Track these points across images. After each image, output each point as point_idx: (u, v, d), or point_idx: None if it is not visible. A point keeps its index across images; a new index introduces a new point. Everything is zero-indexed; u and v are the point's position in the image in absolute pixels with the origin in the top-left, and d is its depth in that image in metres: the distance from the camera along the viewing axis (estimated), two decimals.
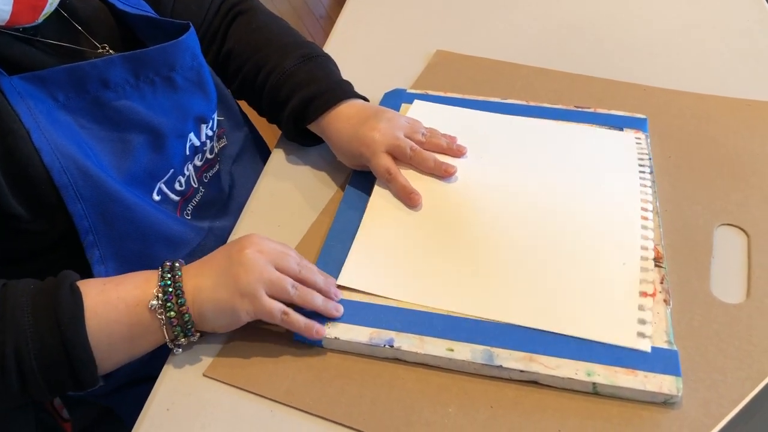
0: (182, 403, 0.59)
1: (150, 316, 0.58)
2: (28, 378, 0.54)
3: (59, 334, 0.55)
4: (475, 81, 0.93)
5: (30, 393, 0.56)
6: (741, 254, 0.69)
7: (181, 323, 0.59)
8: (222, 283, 0.59)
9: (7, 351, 0.54)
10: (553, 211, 0.71)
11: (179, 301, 0.58)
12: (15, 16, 0.59)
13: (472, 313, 0.62)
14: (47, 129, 0.60)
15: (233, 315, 0.59)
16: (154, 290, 0.59)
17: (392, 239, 0.69)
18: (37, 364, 0.54)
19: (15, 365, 0.54)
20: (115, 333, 0.57)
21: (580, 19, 1.07)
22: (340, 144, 0.76)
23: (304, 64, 0.80)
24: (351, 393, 0.58)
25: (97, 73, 0.64)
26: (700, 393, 0.57)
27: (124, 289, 0.59)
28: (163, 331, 0.59)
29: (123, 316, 0.58)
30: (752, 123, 0.84)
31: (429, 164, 0.73)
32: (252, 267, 0.59)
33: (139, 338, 0.59)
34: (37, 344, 0.54)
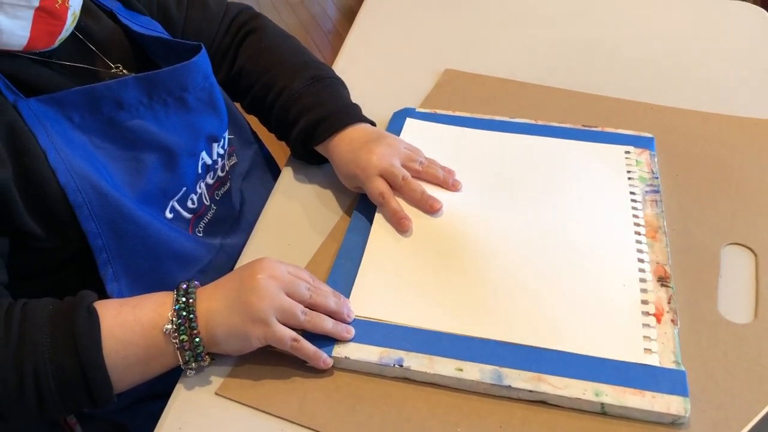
0: (194, 422, 0.59)
1: (165, 339, 0.59)
2: (46, 397, 0.55)
3: (76, 355, 0.56)
4: (483, 100, 0.94)
5: (46, 412, 0.57)
6: (749, 274, 0.69)
7: (192, 347, 0.60)
8: (234, 308, 0.60)
9: (26, 370, 0.55)
10: (553, 231, 0.72)
11: (191, 325, 0.59)
12: (32, 41, 0.61)
13: (480, 335, 0.62)
14: (63, 149, 0.62)
15: (244, 340, 0.60)
16: (168, 314, 0.60)
17: (397, 264, 0.69)
18: (55, 384, 0.55)
19: (33, 385, 0.55)
20: (130, 355, 0.58)
21: (587, 38, 1.08)
22: (340, 166, 0.77)
23: (312, 86, 0.81)
24: (361, 412, 0.59)
25: (111, 94, 0.66)
26: (708, 414, 0.57)
27: (141, 312, 0.60)
28: (177, 354, 0.60)
29: (139, 338, 0.59)
30: (759, 142, 0.85)
31: (416, 195, 0.72)
32: (263, 294, 0.60)
33: (154, 360, 0.60)
34: (55, 365, 0.55)
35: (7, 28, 0.59)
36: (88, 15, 0.71)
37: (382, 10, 1.19)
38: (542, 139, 0.84)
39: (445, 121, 0.87)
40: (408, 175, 0.74)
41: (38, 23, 0.61)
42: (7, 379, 0.54)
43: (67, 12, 0.63)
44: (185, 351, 0.60)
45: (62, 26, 0.63)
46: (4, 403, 0.55)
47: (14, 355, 0.55)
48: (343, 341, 0.62)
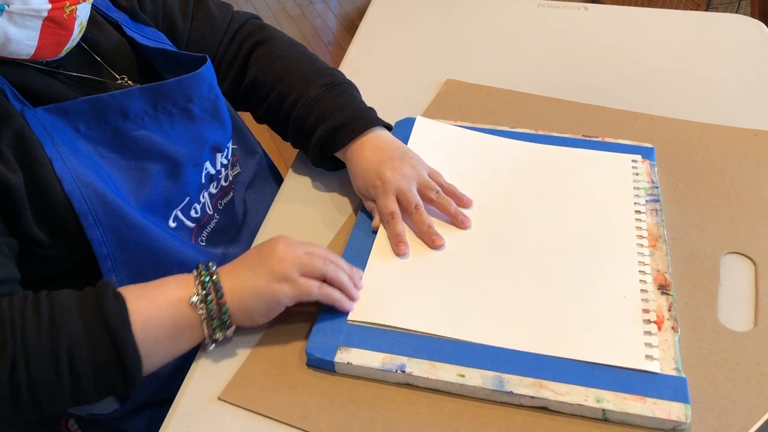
0: (197, 426, 0.60)
1: (191, 312, 0.60)
2: (81, 380, 0.56)
3: (108, 335, 0.56)
4: (484, 110, 0.95)
5: (80, 396, 0.57)
6: (748, 282, 0.70)
7: (219, 316, 0.61)
8: (258, 272, 0.62)
9: (61, 353, 0.55)
10: (557, 237, 0.72)
11: (218, 294, 0.61)
12: (39, 50, 0.62)
13: (482, 341, 0.62)
14: (68, 158, 0.63)
15: (273, 300, 0.62)
16: (193, 288, 0.61)
17: (400, 270, 0.70)
18: (90, 365, 0.56)
19: (68, 367, 0.55)
20: (159, 331, 0.59)
21: (588, 49, 1.09)
22: (360, 172, 0.77)
23: (328, 92, 0.81)
24: (363, 417, 0.59)
25: (116, 104, 0.66)
26: (708, 421, 0.58)
27: (165, 290, 0.61)
28: (203, 326, 0.61)
29: (166, 314, 0.60)
30: (758, 153, 0.86)
31: (423, 228, 0.72)
32: (284, 255, 0.63)
33: (182, 335, 0.61)
34: (89, 346, 0.56)
35: (15, 37, 0.60)
36: (95, 26, 0.72)
37: (384, 21, 1.20)
38: (550, 147, 0.84)
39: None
40: (421, 204, 0.74)
41: (46, 33, 0.61)
42: (44, 364, 0.55)
43: (75, 22, 0.63)
44: (212, 320, 0.61)
45: (69, 36, 0.64)
46: (41, 389, 0.55)
47: (49, 339, 0.55)
48: (345, 345, 0.62)
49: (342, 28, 2.98)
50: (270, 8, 3.12)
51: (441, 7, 1.22)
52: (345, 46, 1.13)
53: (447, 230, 0.74)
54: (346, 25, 3.01)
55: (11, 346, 0.54)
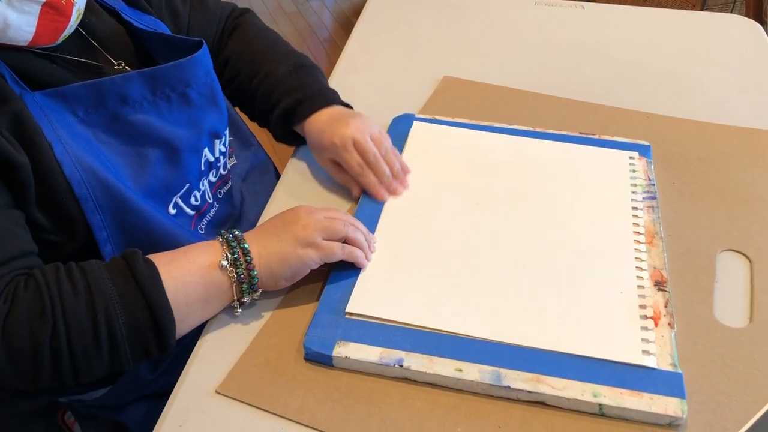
0: (195, 419, 0.59)
1: (221, 275, 0.62)
2: (118, 344, 0.57)
3: (143, 298, 0.57)
4: (481, 107, 0.95)
5: (117, 361, 0.58)
6: (743, 279, 0.70)
7: (248, 279, 0.63)
8: (283, 238, 0.65)
9: (99, 317, 0.56)
10: (555, 233, 0.73)
11: (247, 258, 0.63)
12: (37, 36, 0.62)
13: (479, 335, 0.63)
14: (68, 142, 0.63)
15: (299, 264, 0.65)
16: (222, 253, 0.63)
17: (398, 265, 0.70)
18: (126, 329, 0.57)
19: (106, 331, 0.56)
20: (191, 295, 0.61)
21: (585, 47, 1.09)
22: (317, 138, 0.80)
23: (295, 71, 0.85)
24: (361, 412, 0.59)
25: (115, 89, 0.67)
26: (704, 416, 0.58)
27: (193, 256, 0.62)
28: (232, 290, 0.63)
29: (197, 277, 0.61)
30: (754, 151, 0.86)
31: (384, 178, 0.77)
32: (307, 222, 0.65)
33: (212, 299, 0.63)
34: (124, 310, 0.57)
35: (14, 22, 0.60)
36: (92, 13, 0.72)
37: (381, 18, 1.20)
38: (548, 144, 0.85)
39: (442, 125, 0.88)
40: (378, 154, 0.77)
41: (44, 19, 0.61)
42: (83, 329, 0.55)
43: (72, 8, 0.64)
44: (241, 284, 0.63)
45: (67, 22, 0.64)
46: (80, 354, 0.56)
47: (86, 305, 0.56)
48: (344, 339, 0.62)
49: (337, 25, 2.98)
50: (266, 5, 3.12)
51: (438, 4, 1.22)
52: (340, 43, 1.13)
53: (445, 227, 0.74)
54: (342, 22, 3.00)
55: (50, 312, 0.55)
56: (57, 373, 0.56)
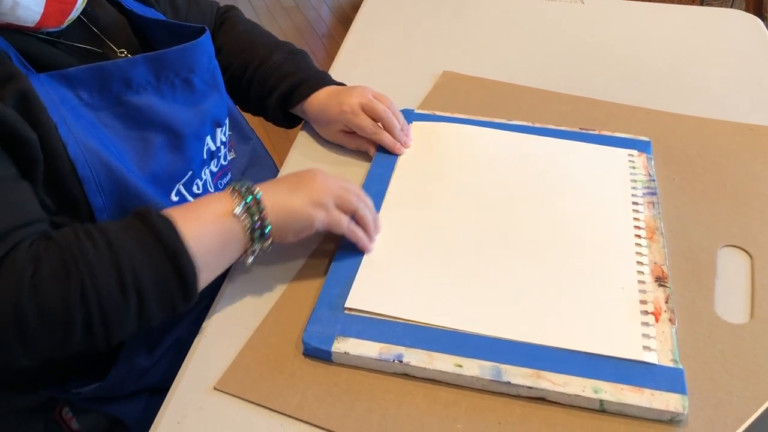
0: (193, 416, 0.59)
1: (236, 223, 0.63)
2: (145, 298, 0.57)
3: (163, 249, 0.58)
4: (481, 102, 0.95)
5: (144, 315, 0.58)
6: (744, 275, 0.70)
7: (261, 228, 0.63)
8: (295, 194, 0.66)
9: (124, 272, 0.56)
10: (555, 229, 0.72)
11: (260, 207, 0.63)
12: (44, 18, 0.62)
13: (479, 331, 0.62)
14: (72, 124, 0.63)
15: (307, 222, 0.66)
16: (234, 201, 0.63)
17: (398, 260, 0.70)
18: (151, 281, 0.57)
19: (133, 285, 0.56)
20: (208, 243, 0.61)
21: (585, 43, 1.09)
22: (320, 113, 0.84)
23: (289, 57, 0.88)
24: (361, 408, 0.59)
25: (120, 72, 0.67)
26: (705, 412, 0.58)
27: (206, 206, 0.63)
28: (246, 237, 0.63)
29: (212, 226, 0.62)
30: (754, 147, 0.86)
31: (395, 132, 0.82)
32: (321, 184, 0.67)
33: (228, 247, 0.63)
34: (147, 262, 0.57)
35: (23, 1, 0.60)
36: (94, 2, 0.72)
37: (380, 13, 1.19)
38: (548, 140, 0.84)
39: (442, 122, 0.88)
40: (386, 110, 0.82)
41: (52, 0, 0.62)
42: (110, 284, 0.56)
43: None
44: (254, 231, 0.63)
45: (73, 5, 0.64)
46: (110, 310, 0.56)
47: (110, 261, 0.56)
48: (343, 335, 0.62)
49: (336, 21, 2.97)
50: (264, 0, 3.11)
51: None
52: (339, 39, 1.13)
53: (445, 222, 0.73)
54: (340, 17, 3.00)
55: (76, 272, 0.55)
56: (89, 331, 0.56)
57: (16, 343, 0.54)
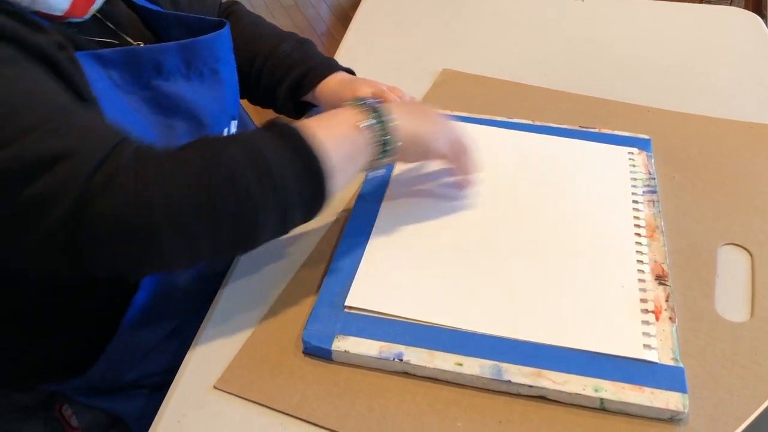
0: (193, 415, 0.59)
1: (365, 134, 0.64)
2: (283, 191, 0.57)
3: (298, 148, 0.58)
4: (481, 100, 0.95)
5: (280, 211, 0.58)
6: (745, 273, 0.70)
7: (389, 141, 0.65)
8: (420, 122, 0.69)
9: (267, 161, 0.56)
10: (555, 227, 0.72)
11: (388, 118, 0.65)
12: (72, 8, 0.63)
13: (480, 330, 0.62)
14: (106, 102, 0.63)
15: (429, 148, 0.70)
16: (364, 114, 0.65)
17: (398, 259, 0.69)
18: (287, 177, 0.57)
19: (270, 175, 0.56)
20: (340, 149, 0.62)
21: (585, 41, 1.09)
22: (333, 98, 0.84)
23: (298, 47, 0.89)
24: (361, 406, 0.59)
25: (152, 57, 0.67)
26: (706, 410, 0.58)
27: (338, 114, 0.65)
28: (372, 149, 0.65)
29: (345, 134, 0.63)
30: (754, 145, 0.86)
31: None
32: (445, 122, 0.72)
33: (357, 156, 0.64)
34: (283, 158, 0.58)
35: None
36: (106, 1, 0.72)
37: (379, 11, 1.19)
38: (549, 138, 0.84)
39: None
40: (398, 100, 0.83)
41: None
42: (252, 174, 0.56)
43: None
44: (381, 145, 0.65)
45: None
46: (254, 198, 0.56)
47: (251, 154, 0.56)
48: (343, 333, 0.62)
49: (335, 19, 2.97)
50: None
51: None
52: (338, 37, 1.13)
53: (445, 220, 0.73)
54: (339, 15, 2.99)
55: (220, 160, 0.55)
56: (236, 222, 0.56)
57: (170, 234, 0.54)
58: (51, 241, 0.52)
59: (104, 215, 0.52)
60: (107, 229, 0.52)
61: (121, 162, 0.53)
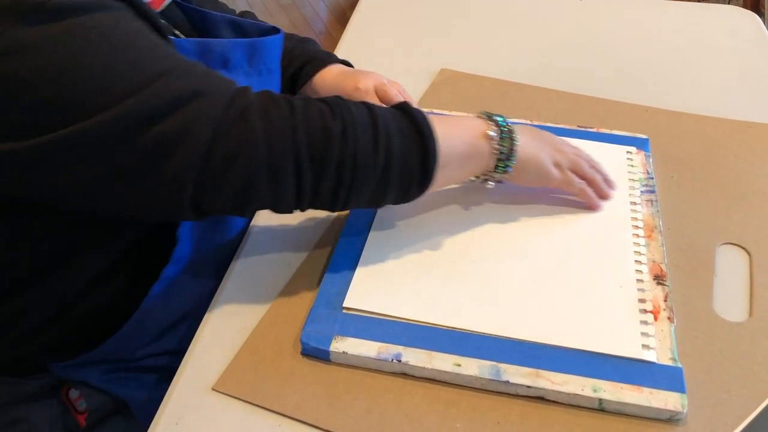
0: (191, 417, 0.59)
1: (484, 143, 0.67)
2: (391, 161, 0.61)
3: (416, 131, 0.62)
4: (479, 99, 0.95)
5: (383, 181, 0.62)
6: (743, 273, 0.70)
7: (507, 159, 0.68)
8: (541, 148, 0.71)
9: (380, 130, 0.60)
10: (553, 227, 0.72)
11: (513, 138, 0.67)
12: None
13: (478, 330, 0.62)
14: None
15: (545, 176, 0.71)
16: (488, 124, 0.68)
17: (396, 259, 0.69)
18: (399, 148, 0.61)
19: (385, 144, 0.60)
20: (455, 146, 0.65)
21: (583, 40, 1.09)
22: (332, 88, 0.86)
23: (298, 45, 0.91)
24: (359, 407, 0.58)
25: (221, 51, 0.68)
26: (705, 411, 0.58)
27: (461, 119, 0.68)
28: (489, 160, 0.68)
29: (463, 135, 0.66)
30: (752, 144, 0.86)
31: None
32: (561, 146, 0.73)
33: (469, 160, 0.67)
34: (399, 133, 0.61)
35: None
36: None
37: (377, 10, 1.19)
38: None
39: None
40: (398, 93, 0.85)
41: None
42: (366, 136, 0.60)
43: None
44: (500, 160, 0.68)
45: None
46: (360, 159, 0.59)
47: (368, 117, 0.61)
48: (341, 334, 0.62)
49: (333, 18, 2.97)
50: None
51: None
52: (336, 36, 1.13)
53: (443, 220, 0.73)
54: (337, 14, 2.99)
55: (339, 114, 0.60)
56: (338, 172, 0.59)
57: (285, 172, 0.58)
58: (180, 178, 0.56)
59: (233, 149, 0.56)
60: (234, 163, 0.56)
61: (248, 101, 0.58)
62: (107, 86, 0.53)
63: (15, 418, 0.69)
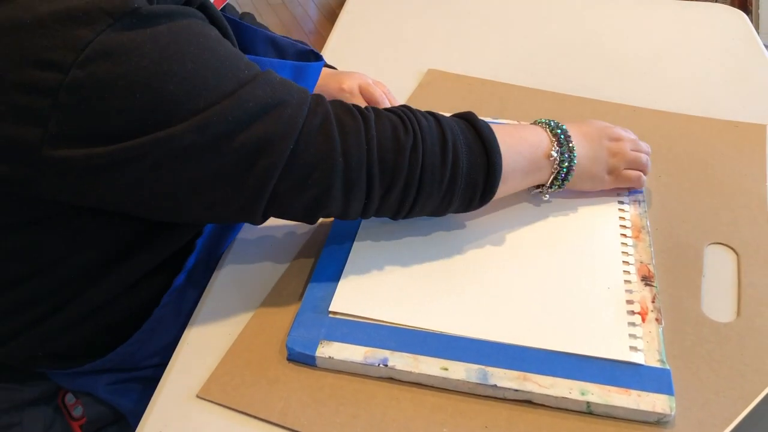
0: (175, 425, 0.58)
1: (545, 162, 0.69)
2: (457, 173, 0.62)
3: (482, 144, 0.64)
4: (466, 100, 0.94)
5: (448, 194, 0.63)
6: (731, 273, 0.70)
7: (565, 176, 0.70)
8: (597, 157, 0.73)
9: (447, 143, 0.62)
10: (540, 229, 0.72)
11: (572, 159, 0.69)
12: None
13: (465, 334, 0.62)
14: None
15: (597, 185, 0.74)
16: (550, 142, 0.69)
17: (383, 263, 0.69)
18: (466, 162, 0.63)
19: (452, 157, 0.62)
20: (517, 162, 0.67)
21: (570, 40, 1.08)
22: (318, 88, 0.86)
23: None
24: (346, 413, 0.58)
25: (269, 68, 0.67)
26: (693, 412, 0.57)
27: (526, 132, 0.69)
28: (547, 178, 0.70)
29: (526, 151, 0.68)
30: (739, 144, 0.86)
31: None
32: (618, 148, 0.73)
33: (529, 175, 0.69)
34: (466, 146, 0.63)
35: None
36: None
37: (365, 10, 1.18)
38: None
39: None
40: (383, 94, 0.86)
41: None
42: (435, 149, 0.61)
43: None
44: (557, 178, 0.70)
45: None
46: (428, 172, 0.61)
47: (437, 129, 0.62)
48: (327, 339, 0.61)
49: (322, 17, 2.96)
50: None
51: None
52: (325, 36, 1.13)
53: (429, 224, 0.73)
54: (327, 14, 2.98)
55: (410, 126, 0.61)
56: (406, 184, 0.61)
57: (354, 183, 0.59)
58: (260, 187, 0.56)
59: (312, 160, 0.57)
60: (313, 174, 0.58)
61: (326, 111, 0.59)
62: (195, 92, 0.53)
63: (8, 423, 0.68)
